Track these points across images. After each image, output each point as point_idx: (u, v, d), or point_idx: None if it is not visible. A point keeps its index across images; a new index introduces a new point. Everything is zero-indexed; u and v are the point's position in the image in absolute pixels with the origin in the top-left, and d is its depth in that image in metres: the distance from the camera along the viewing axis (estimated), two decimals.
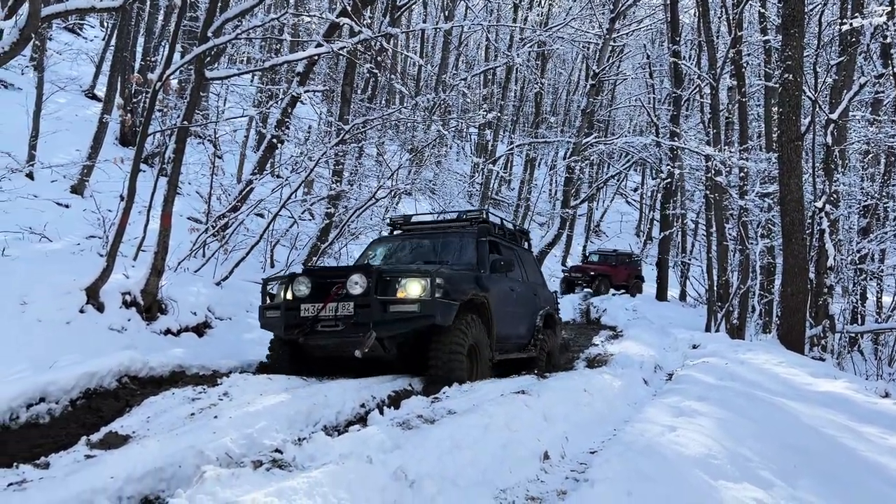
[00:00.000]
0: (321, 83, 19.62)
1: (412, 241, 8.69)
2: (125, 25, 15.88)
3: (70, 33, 24.49)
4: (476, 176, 28.80)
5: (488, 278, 7.68)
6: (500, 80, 35.50)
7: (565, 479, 4.31)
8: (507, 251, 8.88)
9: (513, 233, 9.74)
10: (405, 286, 6.48)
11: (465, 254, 8.02)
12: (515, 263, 8.88)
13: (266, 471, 3.35)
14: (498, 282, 7.98)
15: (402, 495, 3.33)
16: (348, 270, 6.85)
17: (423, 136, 18.99)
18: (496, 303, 7.61)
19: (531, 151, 33.03)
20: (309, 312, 6.60)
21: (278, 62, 8.72)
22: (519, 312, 8.62)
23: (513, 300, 8.41)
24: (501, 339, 7.86)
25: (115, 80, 15.15)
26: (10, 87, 17.11)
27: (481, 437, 4.30)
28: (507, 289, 8.29)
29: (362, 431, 4.22)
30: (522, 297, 8.83)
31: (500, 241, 8.75)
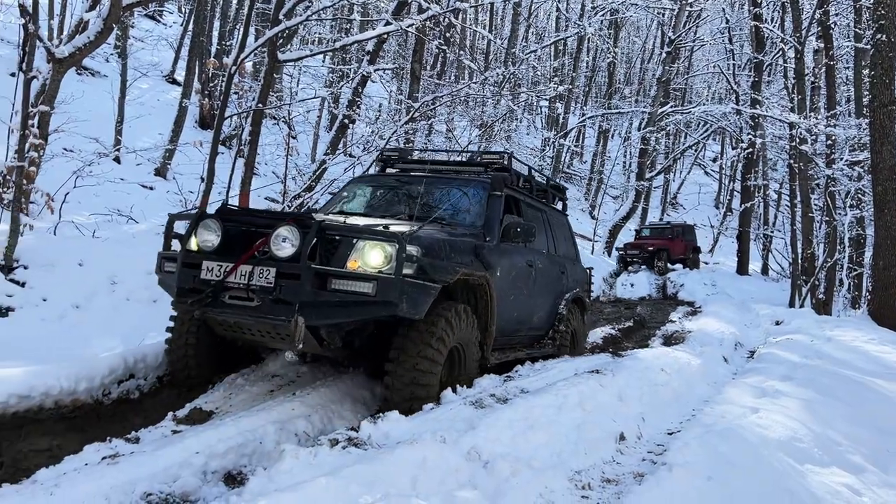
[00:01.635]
0: (391, 61, 19.67)
1: (404, 187, 6.47)
2: (202, 11, 16.28)
3: (150, 20, 25.31)
4: (547, 150, 28.42)
5: (495, 249, 5.69)
6: (571, 50, 34.76)
7: (642, 462, 4.24)
8: (531, 212, 6.83)
9: (543, 188, 7.60)
10: (361, 253, 4.39)
11: (470, 211, 5.95)
12: (542, 230, 7.01)
13: (342, 449, 3.42)
14: (510, 254, 5.98)
15: (476, 476, 3.34)
16: (277, 217, 4.76)
17: (492, 110, 18.81)
18: (502, 284, 5.76)
19: (604, 123, 32.33)
20: (212, 274, 4.45)
21: (349, 42, 8.77)
22: (536, 297, 6.64)
23: (529, 280, 6.42)
24: (506, 334, 6.07)
25: (193, 64, 15.59)
26: (96, 75, 17.84)
27: (555, 418, 4.26)
28: (522, 264, 6.27)
29: (436, 410, 4.25)
30: (544, 276, 6.82)
31: (522, 198, 6.66)
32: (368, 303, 4.26)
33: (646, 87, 37.43)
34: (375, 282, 4.22)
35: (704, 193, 40.45)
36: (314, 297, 4.23)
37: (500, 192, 6.11)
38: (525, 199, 6.73)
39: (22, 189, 7.66)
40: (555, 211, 7.74)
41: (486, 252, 5.49)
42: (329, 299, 4.27)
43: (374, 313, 4.36)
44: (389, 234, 4.38)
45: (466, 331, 5.01)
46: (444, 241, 4.95)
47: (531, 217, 6.79)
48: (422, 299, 4.48)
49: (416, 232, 4.59)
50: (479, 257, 5.32)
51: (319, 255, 4.41)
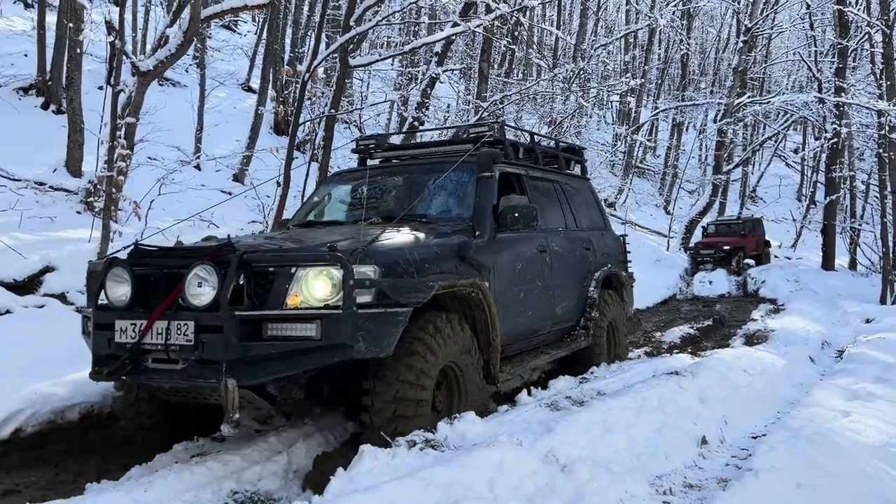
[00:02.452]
0: (458, 61, 19.73)
1: (381, 181, 5.65)
2: (274, 19, 16.72)
3: (227, 30, 26.18)
4: (619, 144, 27.93)
5: (489, 245, 4.77)
6: (642, 43, 34.04)
7: (725, 467, 4.11)
8: (539, 186, 5.92)
9: (553, 154, 6.68)
10: (302, 284, 3.58)
11: (456, 202, 5.12)
12: (555, 204, 6.12)
13: (420, 451, 3.45)
14: (511, 245, 5.11)
15: (554, 479, 3.31)
16: (193, 255, 3.80)
17: (561, 107, 18.62)
18: (506, 283, 4.94)
19: (678, 116, 31.53)
20: (127, 336, 3.70)
21: (417, 45, 8.85)
22: (556, 285, 5.70)
23: (543, 269, 5.52)
24: (522, 337, 5.30)
25: (268, 72, 16.04)
26: (177, 86, 18.57)
27: (634, 421, 4.18)
28: (531, 252, 5.38)
29: (511, 412, 4.25)
30: (564, 259, 5.89)
31: (525, 172, 5.75)
32: (314, 349, 3.47)
33: (721, 78, 36.27)
34: (318, 321, 3.44)
35: (785, 186, 38.91)
36: (243, 351, 3.46)
37: (490, 172, 5.11)
38: (529, 172, 5.81)
39: (111, 197, 8.06)
40: (572, 178, 6.77)
41: (477, 251, 4.57)
42: (264, 351, 3.48)
43: (324, 360, 3.54)
44: (332, 255, 3.53)
45: (458, 348, 4.18)
46: (413, 250, 4.06)
47: (539, 192, 5.84)
48: (385, 331, 3.63)
49: (371, 246, 3.79)
50: (465, 260, 4.44)
51: (251, 295, 3.58)
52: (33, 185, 10.09)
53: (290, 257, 3.74)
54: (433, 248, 4.26)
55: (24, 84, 13.91)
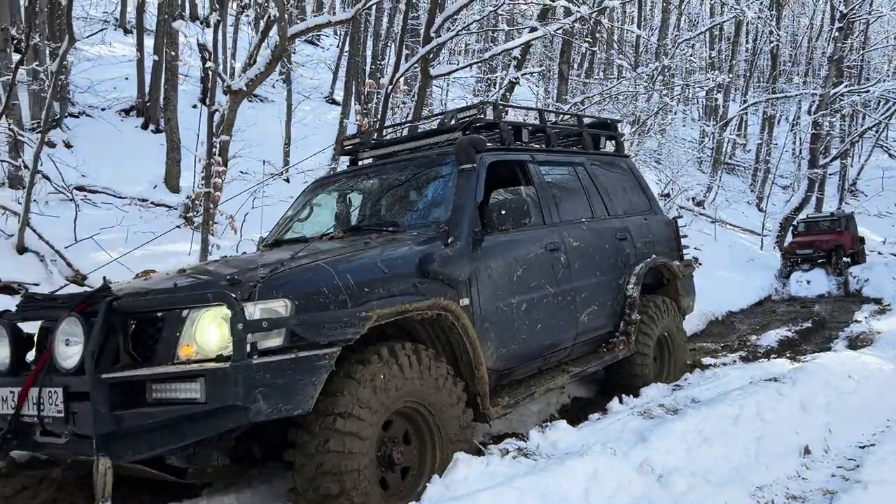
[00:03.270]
0: (537, 64, 19.64)
1: (358, 184, 5.04)
2: (356, 33, 17.13)
3: (310, 45, 26.97)
4: (706, 141, 27.10)
5: (464, 253, 3.94)
6: (728, 35, 32.93)
7: (831, 478, 3.94)
8: (550, 173, 5.07)
9: (574, 133, 5.81)
10: (193, 331, 2.96)
11: (434, 202, 4.39)
12: (575, 191, 5.26)
13: (513, 459, 3.48)
14: (505, 249, 4.28)
15: (650, 490, 3.27)
16: (65, 304, 3.23)
17: (644, 105, 18.23)
18: (498, 296, 4.13)
19: (769, 109, 30.30)
20: (7, 406, 3.21)
21: (496, 52, 8.89)
22: (574, 289, 4.80)
23: (555, 270, 4.64)
24: (526, 358, 4.41)
25: (350, 84, 16.45)
26: (265, 101, 19.28)
27: (731, 429, 4.07)
28: (535, 254, 4.50)
29: (603, 420, 4.21)
30: (587, 255, 4.98)
31: (531, 158, 4.91)
32: (201, 415, 2.80)
33: (815, 68, 34.66)
34: (202, 379, 2.78)
35: (889, 178, 36.71)
36: (116, 422, 2.84)
37: (471, 163, 4.26)
38: (536, 157, 4.96)
39: (209, 212, 8.47)
40: (602, 158, 5.87)
41: (444, 263, 3.73)
42: (141, 421, 2.85)
43: (214, 428, 2.83)
44: (218, 292, 2.91)
45: (426, 382, 3.45)
46: (347, 272, 3.29)
47: (552, 180, 5.06)
48: (299, 383, 2.91)
49: (283, 273, 3.13)
50: (429, 276, 3.64)
51: (130, 350, 3.00)
52: (137, 201, 10.71)
53: (169, 300, 3.05)
54: (378, 265, 3.48)
55: (125, 106, 14.79)
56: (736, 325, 11.31)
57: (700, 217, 21.88)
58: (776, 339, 9.37)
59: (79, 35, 7.69)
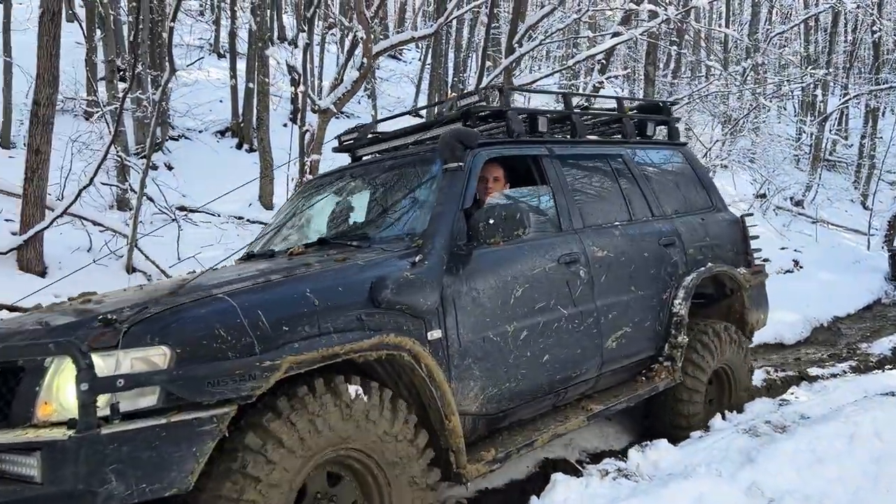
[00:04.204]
0: (621, 66, 19.28)
1: (347, 186, 4.39)
2: (437, 46, 17.31)
3: (393, 59, 27.44)
4: (804, 137, 25.86)
5: (435, 272, 3.22)
6: (824, 26, 31.36)
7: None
8: (575, 167, 4.36)
9: (612, 119, 5.05)
10: (51, 386, 2.44)
11: (415, 209, 3.69)
12: (609, 188, 4.49)
13: (612, 480, 3.40)
14: (497, 266, 3.56)
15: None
16: None
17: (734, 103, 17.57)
18: (486, 323, 3.42)
19: (872, 101, 28.63)
20: None
21: (581, 59, 8.79)
22: (598, 310, 4.03)
23: (570, 288, 3.88)
24: (527, 396, 3.67)
25: (433, 96, 16.61)
26: (351, 117, 19.72)
27: (846, 450, 3.84)
28: (540, 270, 3.75)
29: (706, 439, 4.05)
30: (616, 267, 4.19)
31: (545, 152, 4.14)
32: (37, 499, 2.25)
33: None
34: (39, 453, 2.24)
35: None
36: None
37: (456, 161, 3.55)
38: (554, 150, 4.19)
39: None
40: (648, 148, 5.01)
41: (402, 288, 3.03)
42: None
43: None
44: (62, 340, 2.36)
45: (371, 435, 2.80)
46: (254, 306, 2.62)
47: (576, 177, 4.30)
48: (173, 457, 2.32)
49: (161, 311, 2.49)
50: (382, 305, 2.96)
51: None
52: (234, 219, 11.16)
53: (20, 346, 2.54)
54: (307, 296, 2.77)
55: (221, 128, 15.47)
56: (843, 331, 10.70)
57: (800, 217, 20.85)
58: (889, 346, 8.80)
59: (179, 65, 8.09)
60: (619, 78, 18.39)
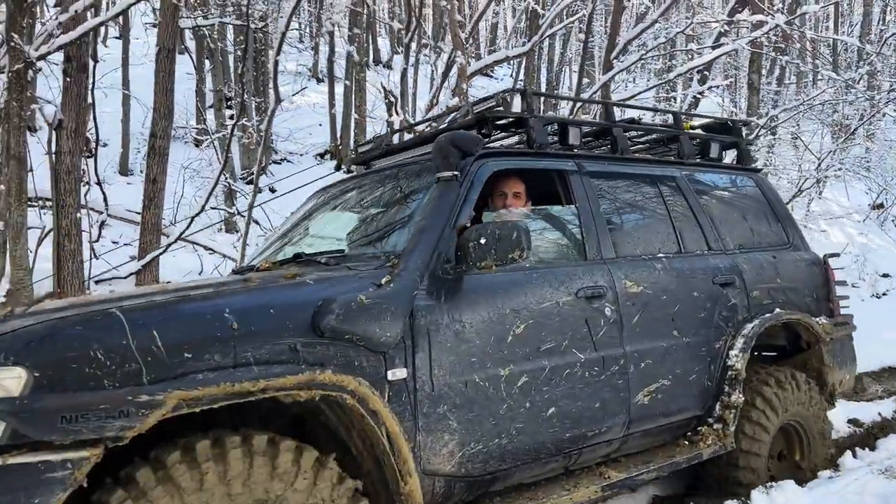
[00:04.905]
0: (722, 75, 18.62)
1: (346, 197, 3.95)
2: (530, 62, 17.24)
3: (484, 76, 27.58)
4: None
5: (403, 297, 2.70)
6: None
7: None
8: (612, 187, 3.77)
9: (666, 138, 4.40)
10: None
11: (400, 225, 3.24)
12: (654, 213, 3.91)
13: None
14: (493, 296, 3.00)
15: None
16: None
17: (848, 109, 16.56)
18: (472, 363, 2.87)
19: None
20: None
21: (682, 72, 8.51)
22: (629, 357, 3.41)
23: (590, 329, 3.28)
24: (524, 457, 3.06)
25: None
26: None
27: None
28: (549, 304, 3.16)
29: (836, 481, 3.77)
30: (654, 307, 3.55)
31: (572, 168, 3.59)
32: None
33: None
34: None
35: None
36: None
37: (450, 170, 3.07)
38: (585, 166, 3.62)
39: None
40: (708, 171, 4.35)
41: (357, 313, 2.52)
42: None
43: None
44: None
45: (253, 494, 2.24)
46: (149, 324, 2.17)
47: (612, 197, 3.74)
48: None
49: (26, 326, 2.10)
50: (327, 334, 2.45)
51: None
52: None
53: None
54: (224, 316, 2.30)
55: (320, 150, 15.95)
56: None
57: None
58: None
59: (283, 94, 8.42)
60: (720, 88, 17.75)
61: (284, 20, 6.48)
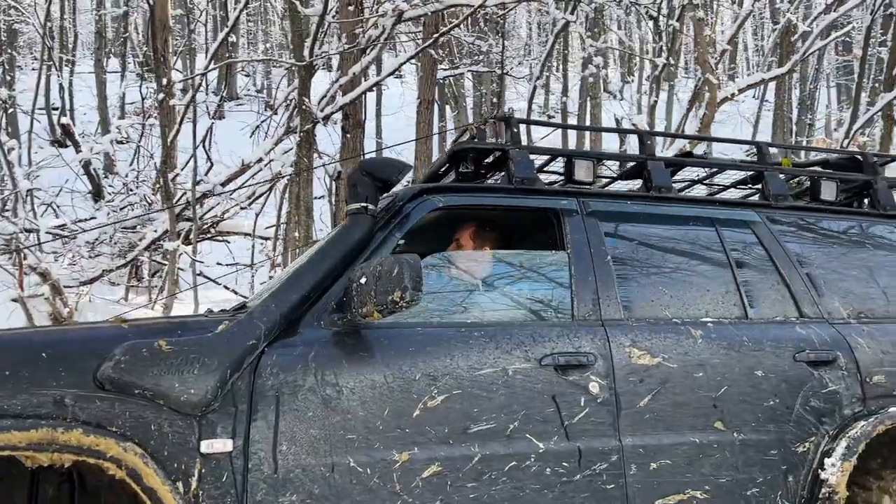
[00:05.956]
0: None
1: None
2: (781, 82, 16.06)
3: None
4: None
5: (234, 345, 2.15)
6: None
7: None
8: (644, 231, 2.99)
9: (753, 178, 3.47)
10: None
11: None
12: (712, 272, 2.96)
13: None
14: (399, 355, 2.32)
15: None
16: None
17: None
18: (333, 441, 2.18)
19: None
20: None
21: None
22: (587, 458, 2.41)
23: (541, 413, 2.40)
24: None
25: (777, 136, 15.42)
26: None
27: None
28: (490, 371, 2.38)
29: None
30: (667, 391, 2.56)
31: (571, 207, 2.83)
32: None
33: None
34: None
35: None
36: None
37: (358, 203, 2.51)
38: (589, 206, 2.86)
39: None
40: (816, 216, 3.32)
41: (158, 361, 2.07)
42: None
43: None
44: None
45: None
46: None
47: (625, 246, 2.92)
48: None
49: None
50: (107, 385, 2.01)
51: None
52: None
53: None
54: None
55: None
56: None
57: None
58: None
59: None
60: None
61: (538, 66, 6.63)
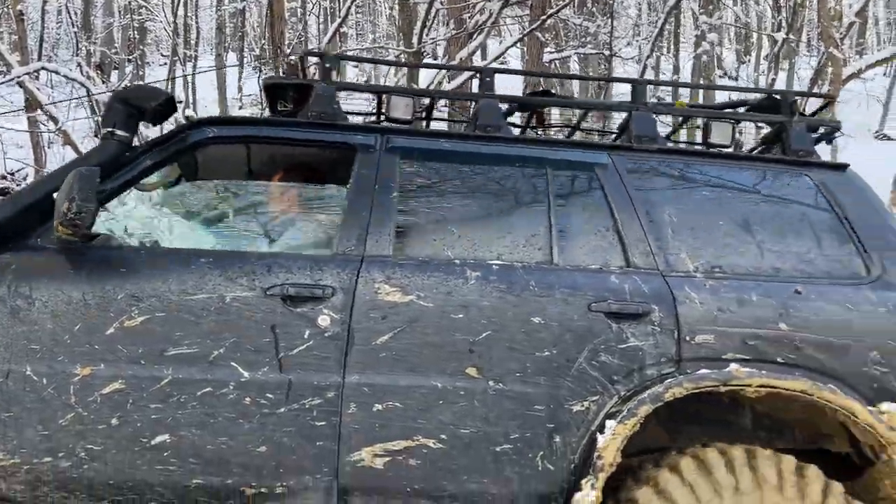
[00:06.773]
0: None
1: None
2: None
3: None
4: None
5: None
6: None
7: None
8: (432, 172, 2.74)
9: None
10: None
11: None
12: (528, 216, 2.70)
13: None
14: (104, 276, 2.39)
15: None
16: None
17: None
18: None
19: None
20: None
21: None
22: (296, 392, 2.37)
23: (249, 342, 2.37)
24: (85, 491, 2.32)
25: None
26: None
27: None
28: (204, 297, 2.37)
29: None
30: (418, 330, 2.39)
31: (363, 142, 2.70)
32: None
33: None
34: None
35: None
36: None
37: (108, 128, 2.55)
38: (398, 143, 2.72)
39: None
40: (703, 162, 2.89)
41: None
42: None
43: None
44: None
45: None
46: None
47: (423, 185, 2.72)
48: None
49: None
50: None
51: None
52: None
53: None
54: None
55: None
56: None
57: None
58: None
59: None
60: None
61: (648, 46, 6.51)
